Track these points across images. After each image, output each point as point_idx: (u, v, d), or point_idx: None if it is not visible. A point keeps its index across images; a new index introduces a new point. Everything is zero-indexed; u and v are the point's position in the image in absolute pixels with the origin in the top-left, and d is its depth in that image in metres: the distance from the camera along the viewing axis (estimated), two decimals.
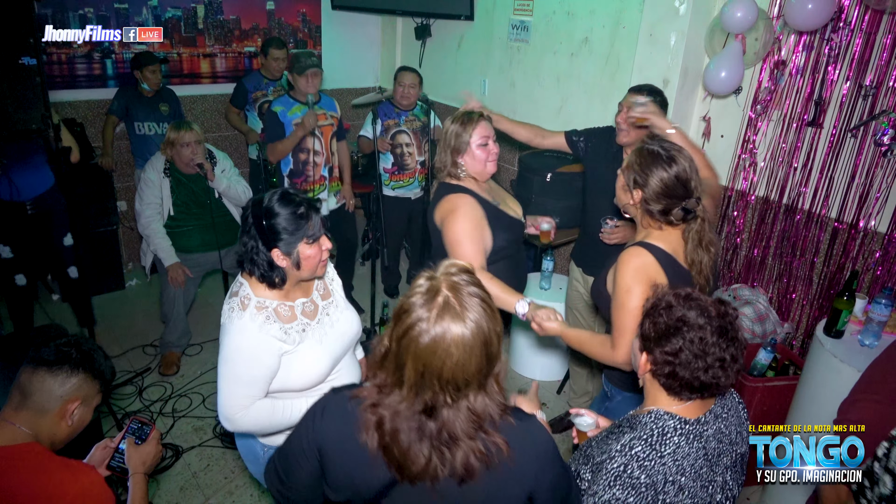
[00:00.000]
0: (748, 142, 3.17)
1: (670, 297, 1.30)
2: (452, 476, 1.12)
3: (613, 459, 1.27)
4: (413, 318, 1.07)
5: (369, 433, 1.14)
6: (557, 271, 4.00)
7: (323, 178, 3.71)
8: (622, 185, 1.84)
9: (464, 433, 1.10)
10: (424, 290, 1.09)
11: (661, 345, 1.27)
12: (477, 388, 1.10)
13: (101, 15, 4.17)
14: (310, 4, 5.08)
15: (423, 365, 1.06)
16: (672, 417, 1.30)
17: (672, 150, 1.73)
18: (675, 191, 1.70)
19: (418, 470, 1.11)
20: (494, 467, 1.12)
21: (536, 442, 1.19)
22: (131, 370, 3.56)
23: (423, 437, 1.11)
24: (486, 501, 1.17)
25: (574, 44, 3.87)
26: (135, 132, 4.09)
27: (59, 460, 1.43)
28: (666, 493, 1.24)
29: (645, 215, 1.79)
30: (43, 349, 1.48)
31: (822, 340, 2.42)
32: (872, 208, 2.78)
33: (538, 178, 3.63)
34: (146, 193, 3.28)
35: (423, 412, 1.10)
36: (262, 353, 1.65)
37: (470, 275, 1.14)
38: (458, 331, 1.05)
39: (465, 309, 1.06)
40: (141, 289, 4.52)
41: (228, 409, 1.67)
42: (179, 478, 2.85)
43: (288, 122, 3.52)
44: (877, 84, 2.70)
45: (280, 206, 1.61)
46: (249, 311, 1.64)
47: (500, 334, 1.11)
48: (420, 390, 1.08)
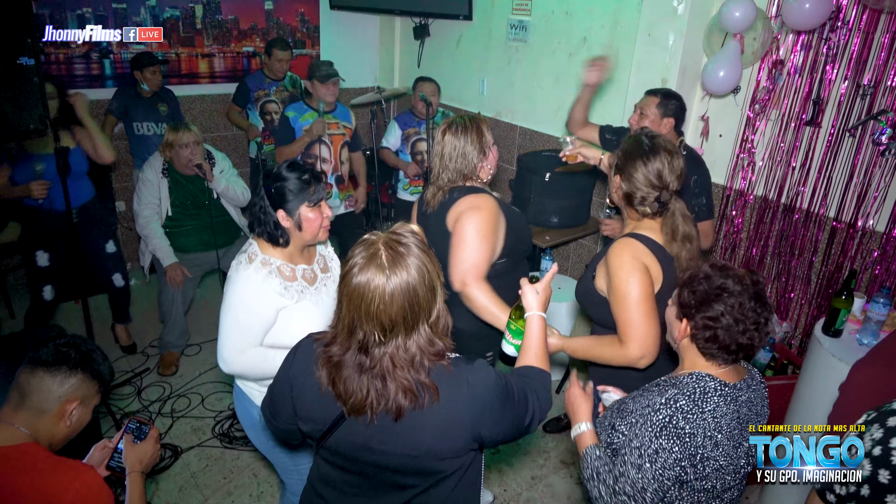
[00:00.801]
0: (746, 141, 3.17)
1: (706, 268, 1.41)
2: (388, 412, 1.24)
3: (658, 412, 1.36)
4: (350, 264, 1.22)
5: (321, 370, 1.29)
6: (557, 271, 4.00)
7: (329, 186, 3.73)
8: (608, 170, 1.92)
9: (395, 371, 1.22)
10: (366, 242, 1.24)
11: (702, 311, 1.37)
12: (405, 332, 1.22)
13: (99, 15, 4.17)
14: (308, 4, 5.08)
15: (353, 304, 1.21)
16: (712, 379, 1.40)
17: (655, 141, 1.79)
18: (651, 181, 1.76)
19: (359, 402, 1.24)
20: (425, 407, 1.23)
21: (472, 384, 1.27)
22: (130, 370, 3.56)
23: (362, 373, 1.24)
24: (429, 439, 1.27)
25: (572, 43, 3.87)
26: (133, 132, 4.08)
27: (57, 460, 1.43)
28: (704, 447, 1.34)
29: (626, 205, 1.85)
30: (41, 349, 1.48)
31: (820, 339, 2.43)
32: (871, 207, 2.79)
33: (537, 179, 3.63)
34: (144, 193, 3.28)
35: (359, 349, 1.23)
36: (261, 304, 1.82)
37: (414, 235, 1.25)
38: (380, 281, 1.18)
39: (393, 262, 1.19)
40: (139, 289, 4.51)
41: (226, 351, 1.84)
42: (178, 478, 2.85)
43: (298, 127, 3.58)
44: (875, 83, 2.70)
45: (288, 171, 1.83)
46: (255, 265, 1.83)
47: (430, 287, 1.22)
48: (353, 328, 1.23)
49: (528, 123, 4.32)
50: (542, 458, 3.09)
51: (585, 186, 3.76)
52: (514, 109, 4.41)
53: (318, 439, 1.35)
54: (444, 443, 1.28)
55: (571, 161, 2.46)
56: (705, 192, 2.61)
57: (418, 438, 1.27)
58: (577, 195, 3.68)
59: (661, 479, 1.33)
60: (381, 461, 1.30)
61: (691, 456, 1.33)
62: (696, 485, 1.37)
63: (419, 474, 1.32)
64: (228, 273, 1.89)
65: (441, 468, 1.31)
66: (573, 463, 3.07)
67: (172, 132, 3.21)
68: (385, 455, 1.29)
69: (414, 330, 1.23)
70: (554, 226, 3.69)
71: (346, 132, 3.76)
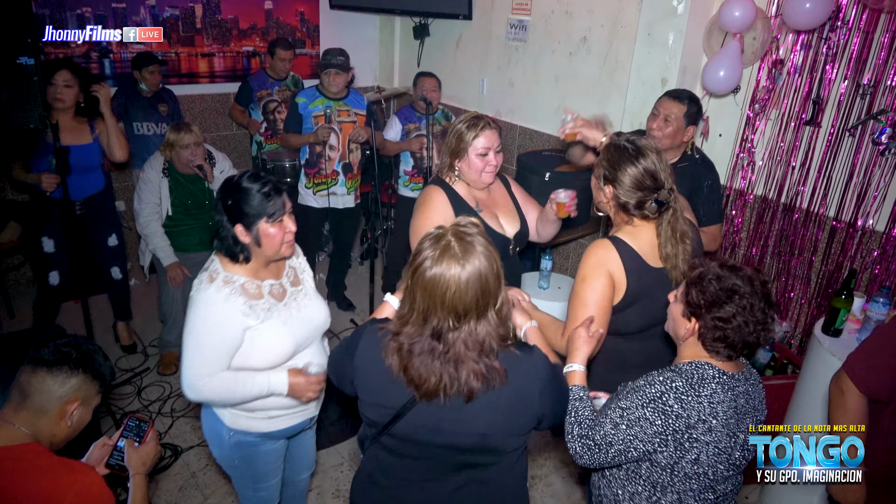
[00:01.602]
0: (746, 141, 3.17)
1: (716, 268, 1.40)
2: (460, 394, 1.32)
3: (652, 386, 1.40)
4: (422, 257, 1.29)
5: (392, 357, 1.35)
6: (556, 270, 4.00)
7: (336, 173, 3.75)
8: (595, 184, 1.87)
9: (467, 355, 1.30)
10: (434, 236, 1.32)
11: (713, 311, 1.38)
12: (476, 318, 1.30)
13: (98, 14, 4.17)
14: (308, 4, 5.07)
15: (428, 294, 1.28)
16: (711, 367, 1.42)
17: (638, 143, 1.76)
18: (646, 183, 1.72)
19: (432, 387, 1.31)
20: (495, 389, 1.32)
21: (538, 366, 1.39)
22: (130, 370, 3.56)
23: (435, 358, 1.31)
24: (500, 418, 1.35)
25: (572, 43, 3.87)
26: (133, 132, 4.08)
27: (58, 460, 1.43)
28: (696, 429, 1.36)
29: (619, 211, 1.81)
30: (42, 349, 1.48)
31: (820, 339, 2.43)
32: (870, 207, 2.79)
33: (537, 178, 3.63)
34: (144, 193, 3.28)
35: (433, 336, 1.31)
36: (226, 326, 1.72)
37: (476, 226, 1.35)
38: (455, 270, 1.26)
39: (465, 252, 1.28)
40: (139, 288, 4.51)
41: (192, 377, 1.73)
42: (178, 478, 2.85)
43: (307, 114, 3.61)
44: (874, 83, 2.70)
45: (247, 183, 1.70)
46: (216, 284, 1.72)
47: (498, 275, 1.31)
48: (427, 316, 1.30)
49: (527, 123, 4.32)
50: (543, 458, 3.09)
51: (585, 186, 3.74)
52: (514, 109, 4.41)
53: (385, 425, 1.40)
54: (513, 420, 1.37)
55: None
56: (717, 197, 2.57)
57: (490, 417, 1.35)
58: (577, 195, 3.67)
59: (629, 443, 1.39)
60: (452, 441, 1.38)
61: (676, 433, 1.36)
62: (685, 467, 1.38)
63: (486, 452, 1.40)
64: (191, 293, 1.76)
65: (506, 446, 1.40)
66: (573, 463, 3.06)
67: (174, 132, 3.21)
68: (456, 435, 1.37)
69: (484, 316, 1.31)
70: None
71: (358, 119, 3.77)
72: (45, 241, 3.27)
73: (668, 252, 1.78)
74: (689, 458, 1.38)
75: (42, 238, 3.27)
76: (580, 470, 3.03)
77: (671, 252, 1.78)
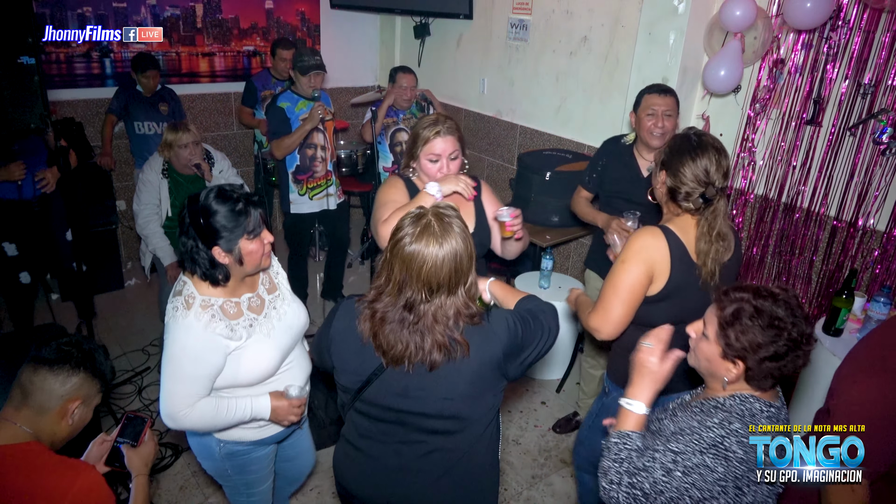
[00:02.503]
0: (747, 140, 3.17)
1: (750, 299, 1.31)
2: (423, 363, 1.41)
3: (710, 430, 1.31)
4: (402, 233, 1.39)
5: (364, 323, 1.44)
6: (557, 270, 4.00)
7: (329, 174, 3.73)
8: (654, 168, 1.92)
9: (434, 327, 1.40)
10: (415, 215, 1.41)
11: (759, 353, 1.30)
12: (448, 293, 1.40)
13: (99, 14, 4.17)
14: (308, 3, 5.08)
15: (405, 267, 1.37)
16: (757, 400, 1.36)
17: (703, 138, 1.79)
18: (698, 176, 1.75)
19: (399, 354, 1.41)
20: (457, 360, 1.41)
21: (496, 331, 1.46)
22: (131, 369, 3.56)
23: (404, 327, 1.41)
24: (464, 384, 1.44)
25: (573, 42, 3.87)
26: (134, 132, 4.09)
27: (59, 459, 1.43)
28: (754, 472, 1.29)
29: (668, 200, 1.84)
30: (44, 348, 1.48)
31: (821, 339, 2.42)
32: (871, 206, 2.79)
33: (537, 177, 3.63)
34: (144, 194, 3.28)
35: (405, 307, 1.40)
36: (208, 352, 1.65)
37: (455, 210, 1.45)
38: (433, 248, 1.36)
39: (444, 232, 1.37)
40: (140, 288, 4.52)
41: (172, 407, 1.67)
42: (179, 477, 2.85)
43: (295, 117, 3.54)
44: (875, 82, 2.70)
45: (217, 203, 1.60)
46: (194, 310, 1.64)
47: (471, 256, 1.41)
48: (402, 288, 1.39)
49: (528, 122, 4.32)
50: (543, 458, 3.09)
51: None
52: (515, 108, 4.41)
53: (357, 390, 1.49)
54: (477, 387, 1.46)
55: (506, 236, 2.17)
56: None
57: (454, 383, 1.44)
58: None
59: (684, 492, 1.28)
60: (418, 407, 1.46)
61: (737, 479, 1.28)
62: None
63: (453, 418, 1.48)
64: (165, 320, 1.68)
65: (471, 414, 1.49)
66: (573, 462, 3.06)
67: (171, 132, 3.21)
68: (422, 401, 1.46)
69: (454, 292, 1.40)
70: (554, 225, 3.69)
71: (332, 115, 3.76)
72: (6, 245, 3.25)
73: (701, 248, 1.79)
74: (746, 501, 1.30)
75: (2, 244, 3.24)
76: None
77: (704, 248, 1.79)
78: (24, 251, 3.28)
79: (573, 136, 4.02)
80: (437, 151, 2.05)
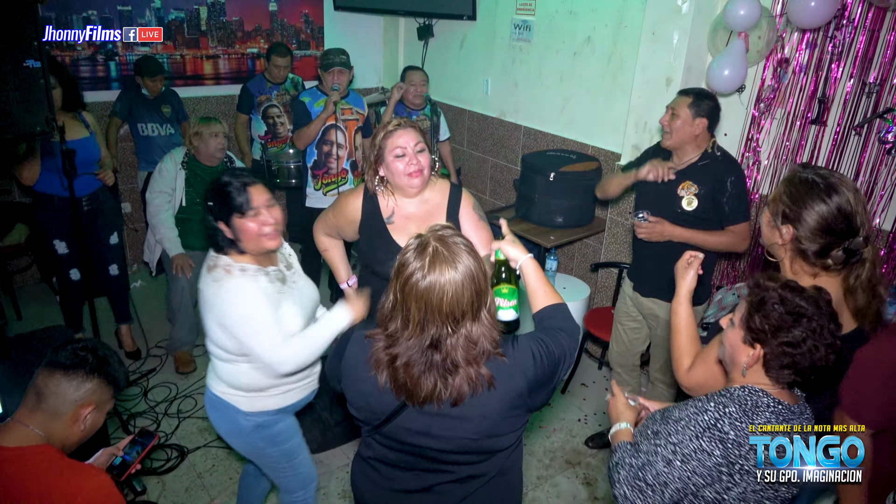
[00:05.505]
0: (751, 140, 3.16)
1: (778, 289, 1.32)
2: (449, 398, 1.33)
3: (705, 413, 1.31)
4: (410, 270, 1.28)
5: (381, 371, 1.35)
6: (561, 270, 4.00)
7: (345, 172, 3.77)
8: (767, 221, 1.60)
9: (463, 360, 1.30)
10: (415, 246, 1.31)
11: (779, 336, 1.29)
12: (472, 319, 1.30)
13: (104, 17, 4.19)
14: (312, 5, 5.08)
15: (424, 304, 1.27)
16: (766, 395, 1.33)
17: (832, 178, 1.50)
18: (837, 227, 1.47)
19: (426, 395, 1.32)
20: (482, 394, 1.33)
21: (523, 369, 1.37)
22: (137, 371, 3.57)
23: (431, 369, 1.31)
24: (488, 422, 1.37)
25: (576, 43, 3.87)
26: (138, 134, 4.10)
27: (70, 463, 1.44)
28: (747, 459, 1.28)
29: (797, 257, 1.55)
30: (60, 352, 1.49)
31: None
32: (877, 206, 2.78)
33: (541, 178, 3.63)
34: (158, 182, 3.32)
35: (430, 346, 1.30)
36: (267, 298, 1.80)
37: (452, 229, 1.36)
38: (450, 274, 1.26)
39: (454, 255, 1.27)
40: (146, 290, 4.53)
41: (273, 354, 1.79)
42: (184, 478, 2.86)
43: (315, 112, 3.62)
44: (880, 81, 2.69)
45: (222, 181, 1.79)
46: (236, 273, 1.80)
47: (484, 272, 1.32)
48: (425, 325, 1.29)
49: (532, 123, 4.32)
50: (548, 459, 3.09)
51: (590, 186, 3.74)
52: (518, 109, 4.41)
53: (375, 427, 1.43)
54: (501, 423, 1.37)
55: None
56: (743, 195, 2.51)
57: (478, 422, 1.36)
58: (581, 195, 3.67)
59: (687, 480, 1.28)
60: (440, 445, 1.39)
61: (730, 464, 1.27)
62: (725, 498, 1.31)
63: (477, 453, 1.42)
64: (206, 296, 1.82)
65: (497, 446, 1.41)
66: (578, 463, 3.06)
67: (203, 123, 3.30)
68: (444, 440, 1.38)
69: (478, 317, 1.31)
70: (558, 226, 3.69)
71: (360, 118, 3.80)
72: (56, 243, 3.28)
73: (862, 308, 1.51)
74: (736, 492, 1.30)
75: (53, 241, 3.28)
76: (585, 470, 3.03)
77: (870, 309, 1.50)
78: (73, 250, 3.32)
79: (577, 136, 4.01)
80: (401, 144, 2.00)
